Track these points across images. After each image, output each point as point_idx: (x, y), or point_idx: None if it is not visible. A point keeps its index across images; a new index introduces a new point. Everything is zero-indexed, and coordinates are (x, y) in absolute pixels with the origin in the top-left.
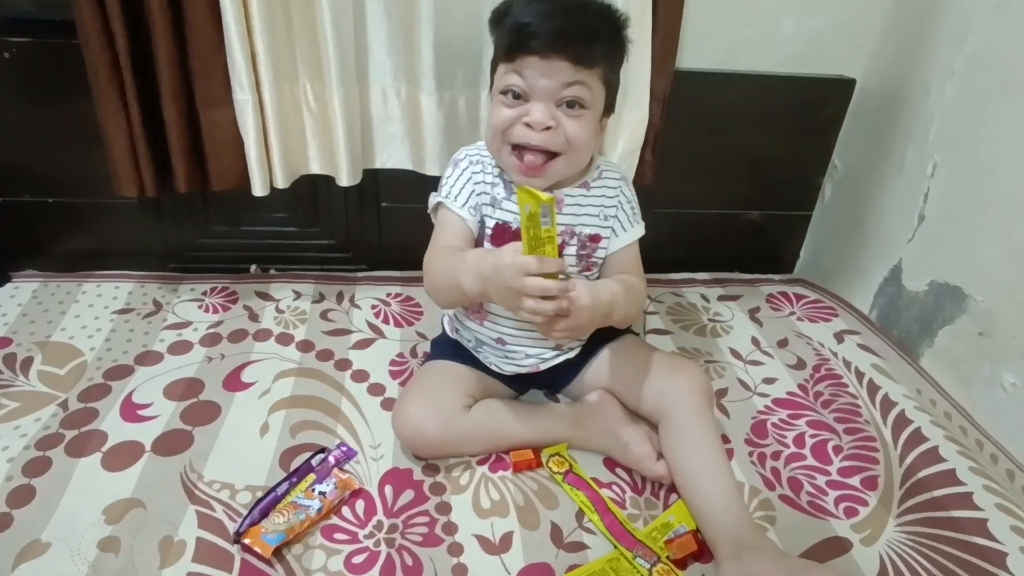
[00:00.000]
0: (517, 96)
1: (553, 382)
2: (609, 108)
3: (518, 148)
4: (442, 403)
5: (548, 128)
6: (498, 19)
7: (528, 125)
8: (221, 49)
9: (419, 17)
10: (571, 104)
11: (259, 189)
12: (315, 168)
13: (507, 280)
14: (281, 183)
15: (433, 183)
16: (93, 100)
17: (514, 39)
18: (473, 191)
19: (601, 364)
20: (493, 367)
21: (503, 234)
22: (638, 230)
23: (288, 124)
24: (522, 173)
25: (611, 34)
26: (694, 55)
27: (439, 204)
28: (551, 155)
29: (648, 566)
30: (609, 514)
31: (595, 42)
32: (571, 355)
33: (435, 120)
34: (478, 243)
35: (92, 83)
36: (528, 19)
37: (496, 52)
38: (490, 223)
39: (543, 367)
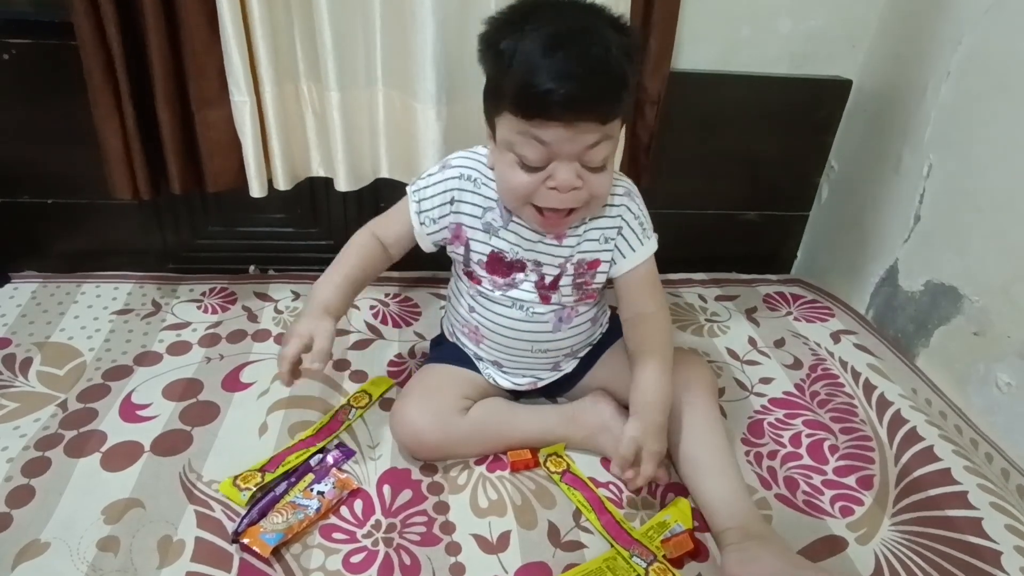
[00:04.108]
0: (536, 167)
1: (551, 391)
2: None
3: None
4: (440, 406)
5: (574, 188)
6: (500, 56)
7: (554, 188)
8: (215, 50)
9: (419, 20)
10: (596, 166)
11: (257, 190)
12: (317, 171)
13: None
14: (282, 185)
15: None
16: (89, 102)
17: (532, 102)
18: (446, 203)
19: (600, 365)
20: (491, 380)
21: (497, 262)
22: (650, 246)
23: (289, 125)
24: (543, 227)
25: (632, 73)
26: (691, 55)
27: (409, 190)
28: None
29: (644, 565)
30: (606, 513)
31: (623, 92)
32: (568, 370)
33: (433, 134)
34: (470, 273)
35: (87, 84)
36: (549, 84)
37: (500, 95)
38: (484, 250)
39: (540, 384)
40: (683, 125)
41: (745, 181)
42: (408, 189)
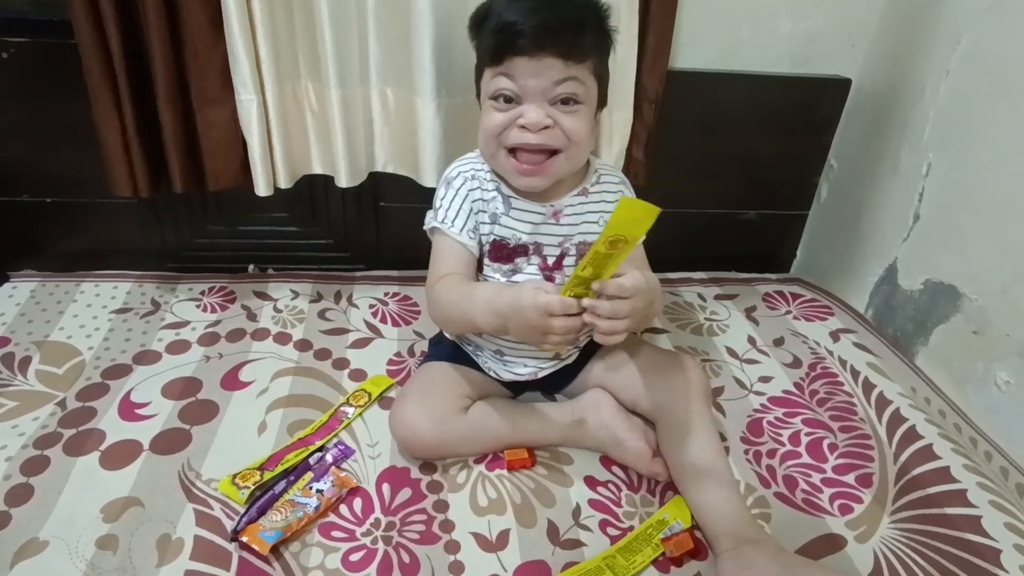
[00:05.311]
0: (508, 100)
1: (550, 385)
2: (602, 102)
3: (514, 150)
4: (439, 405)
5: (545, 127)
6: (479, 22)
7: (524, 127)
8: (217, 48)
9: (418, 18)
10: (565, 101)
11: (263, 189)
12: (317, 168)
13: (529, 320)
14: (283, 183)
15: (431, 189)
16: (89, 100)
17: (499, 40)
18: (471, 210)
19: (599, 363)
20: (491, 373)
21: (500, 250)
22: None
23: (290, 124)
24: (521, 174)
25: (598, 24)
26: (691, 55)
27: (435, 228)
28: (551, 152)
29: None
30: None
31: (584, 34)
32: (569, 361)
33: (432, 127)
34: (478, 263)
35: (87, 82)
36: (512, 18)
37: (480, 57)
38: (486, 239)
39: (541, 375)
40: (683, 124)
41: (745, 180)
42: (434, 223)
